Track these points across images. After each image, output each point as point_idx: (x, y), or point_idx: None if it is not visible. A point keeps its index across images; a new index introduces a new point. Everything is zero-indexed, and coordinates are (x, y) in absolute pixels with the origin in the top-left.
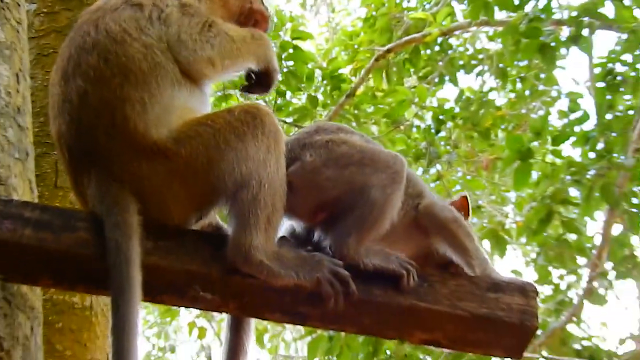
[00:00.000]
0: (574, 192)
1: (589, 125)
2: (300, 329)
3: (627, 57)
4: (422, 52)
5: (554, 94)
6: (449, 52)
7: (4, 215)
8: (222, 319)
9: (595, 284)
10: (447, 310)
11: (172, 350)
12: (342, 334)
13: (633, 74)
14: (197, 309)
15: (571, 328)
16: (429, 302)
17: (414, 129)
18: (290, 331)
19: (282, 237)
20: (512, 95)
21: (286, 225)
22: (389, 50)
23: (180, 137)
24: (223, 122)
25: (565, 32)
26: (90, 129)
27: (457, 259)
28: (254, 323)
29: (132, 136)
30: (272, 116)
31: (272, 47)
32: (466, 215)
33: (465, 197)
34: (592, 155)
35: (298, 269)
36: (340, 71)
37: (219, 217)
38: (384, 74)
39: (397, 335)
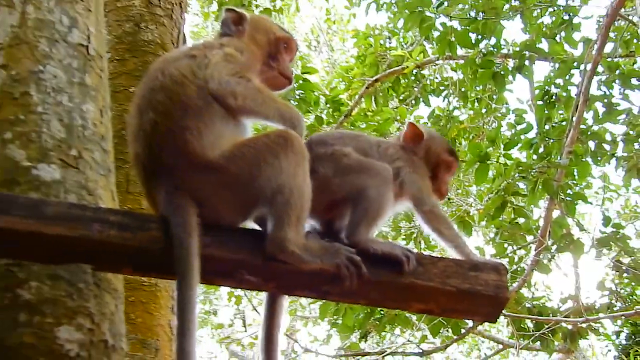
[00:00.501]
0: (522, 186)
1: (532, 134)
2: None
3: (560, 81)
4: (402, 81)
5: (504, 110)
6: (422, 80)
7: (94, 219)
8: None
9: (540, 256)
10: (438, 286)
11: (214, 313)
12: None
13: (564, 94)
14: (243, 289)
15: (523, 291)
16: (423, 280)
17: None
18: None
19: (308, 232)
20: (472, 112)
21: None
22: (376, 80)
23: (229, 156)
24: (262, 143)
25: (511, 63)
26: (159, 151)
27: (441, 241)
28: (286, 300)
29: (191, 156)
30: (300, 139)
31: (301, 118)
32: (420, 139)
33: (412, 124)
34: (535, 157)
35: (321, 256)
36: (339, 97)
37: None
38: (373, 98)
39: (399, 306)
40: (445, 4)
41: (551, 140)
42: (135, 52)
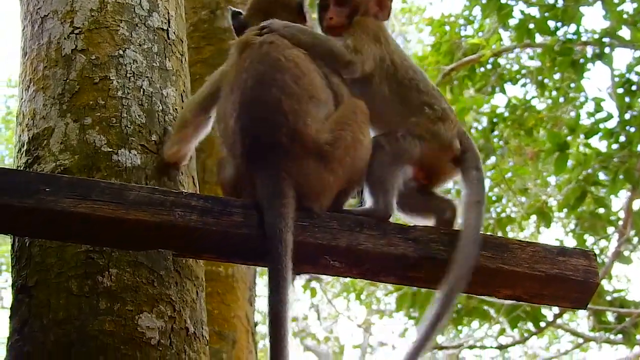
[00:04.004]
0: (602, 176)
1: (612, 122)
2: (389, 286)
3: None
4: (478, 69)
5: (582, 99)
6: (499, 69)
7: (176, 204)
8: (328, 282)
9: (621, 247)
10: (527, 271)
11: None
12: (423, 290)
13: None
14: (327, 275)
15: (604, 283)
16: (511, 265)
17: (473, 130)
18: (381, 289)
19: None
20: (550, 101)
21: None
22: (452, 69)
23: (333, 142)
24: (351, 122)
25: (590, 50)
26: (275, 129)
27: None
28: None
29: (306, 139)
30: (362, 102)
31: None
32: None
33: None
34: (615, 146)
35: None
36: None
37: None
38: (448, 88)
39: (486, 292)
40: None
41: (632, 129)
42: (211, 39)
